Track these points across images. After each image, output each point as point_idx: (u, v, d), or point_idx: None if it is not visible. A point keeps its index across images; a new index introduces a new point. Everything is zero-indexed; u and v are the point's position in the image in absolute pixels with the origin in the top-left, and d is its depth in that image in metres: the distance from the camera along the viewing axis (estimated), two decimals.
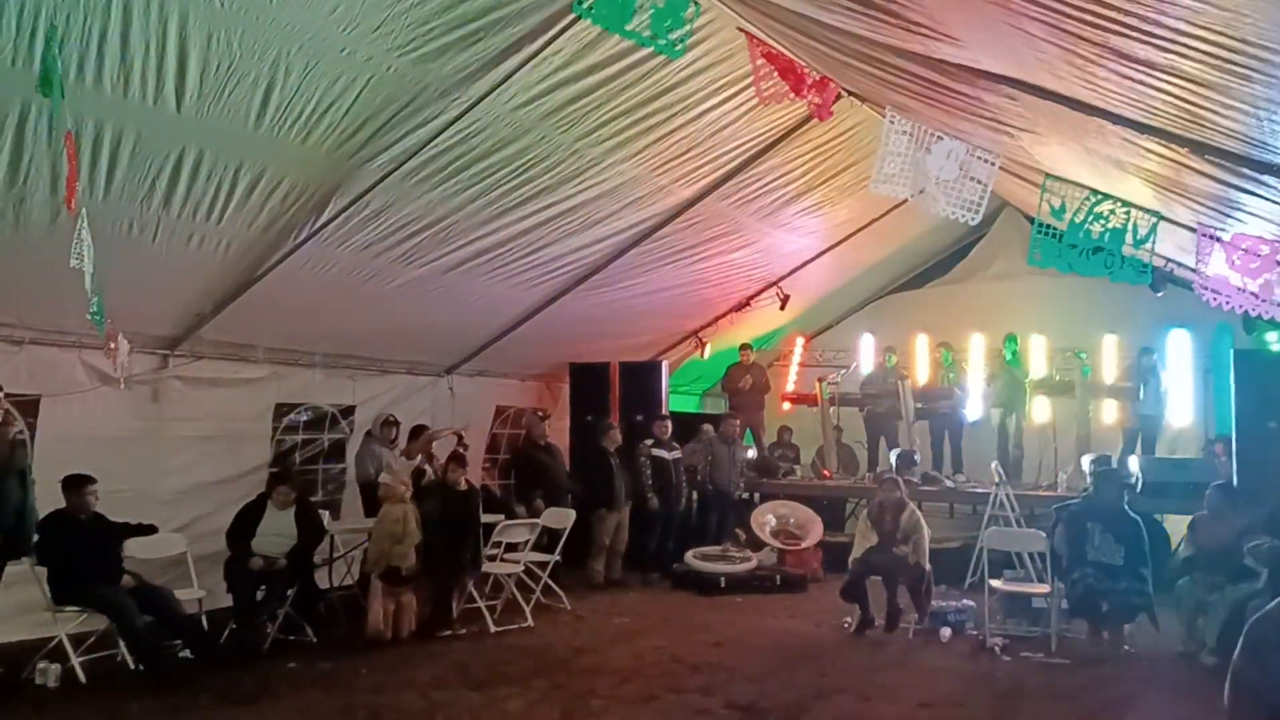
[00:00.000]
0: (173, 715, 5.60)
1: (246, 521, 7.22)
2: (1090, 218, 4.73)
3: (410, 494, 7.80)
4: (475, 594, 7.92)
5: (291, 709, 5.79)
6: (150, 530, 6.84)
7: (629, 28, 4.29)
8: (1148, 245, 4.79)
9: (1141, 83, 3.92)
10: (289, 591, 7.18)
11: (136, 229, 6.28)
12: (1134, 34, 3.36)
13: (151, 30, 4.96)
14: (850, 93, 7.31)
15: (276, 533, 7.21)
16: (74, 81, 4.90)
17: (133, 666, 6.30)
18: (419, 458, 8.51)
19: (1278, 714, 3.76)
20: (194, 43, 5.14)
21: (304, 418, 9.17)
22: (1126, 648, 7.28)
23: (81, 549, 6.26)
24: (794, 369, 13.49)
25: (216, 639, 6.91)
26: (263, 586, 7.08)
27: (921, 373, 12.48)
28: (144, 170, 5.84)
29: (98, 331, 5.31)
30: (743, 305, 12.07)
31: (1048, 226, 4.93)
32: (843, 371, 12.62)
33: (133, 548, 6.77)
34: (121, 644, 6.34)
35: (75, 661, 6.13)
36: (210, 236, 6.69)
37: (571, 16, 5.85)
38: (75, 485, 6.40)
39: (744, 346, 12.31)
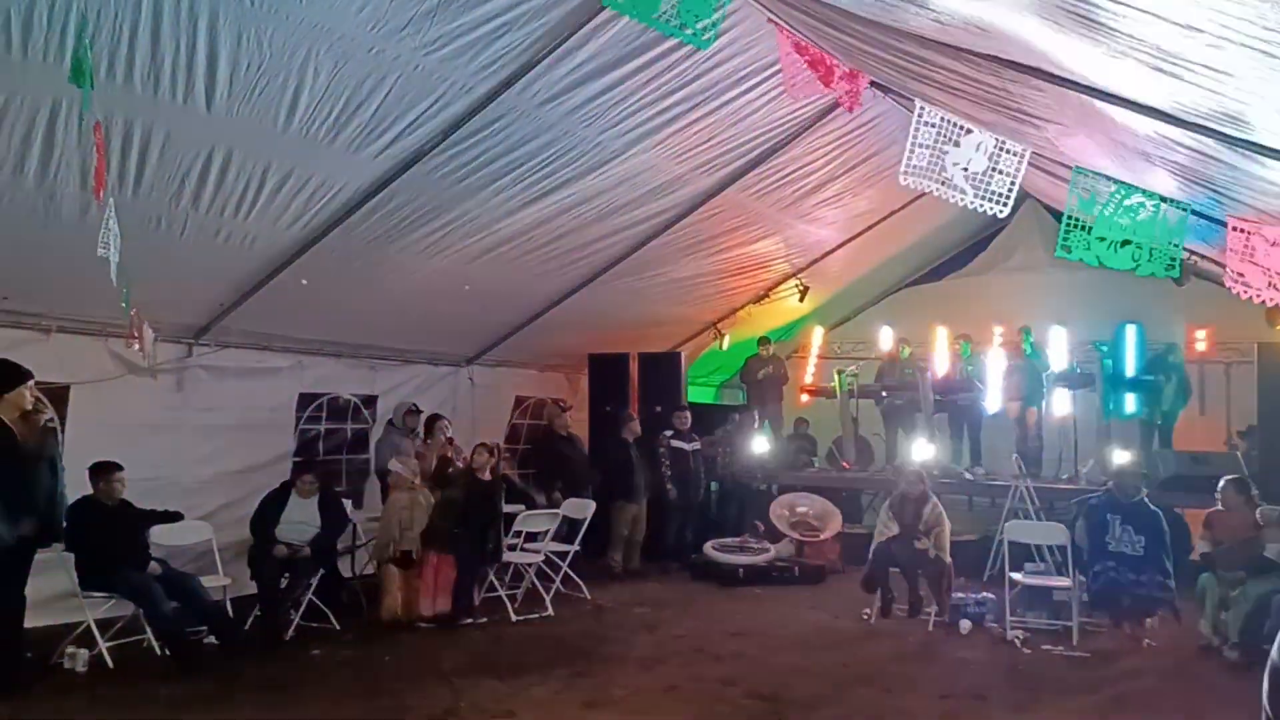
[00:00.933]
0: (201, 702, 5.66)
1: (270, 510, 7.29)
2: (1119, 211, 4.69)
3: (419, 482, 7.89)
4: (496, 583, 7.98)
5: (319, 696, 5.85)
6: (176, 517, 6.92)
7: (656, 17, 4.26)
8: (1176, 239, 4.76)
9: (1173, 75, 3.90)
10: (313, 579, 7.24)
11: (165, 225, 6.35)
12: (1167, 21, 3.34)
13: (181, 29, 5.00)
14: (875, 84, 7.28)
15: (300, 521, 7.29)
16: (104, 79, 4.95)
17: (159, 652, 6.38)
18: (440, 448, 8.55)
19: None
20: (224, 42, 5.18)
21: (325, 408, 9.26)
22: (1148, 641, 7.26)
23: (109, 535, 6.34)
24: (812, 361, 13.46)
25: (241, 626, 6.97)
26: (286, 574, 7.15)
27: (940, 365, 12.43)
28: (173, 168, 5.91)
29: (124, 320, 5.37)
30: (762, 297, 12.08)
31: (1076, 219, 4.90)
32: (860, 364, 12.57)
33: (159, 535, 6.86)
34: (148, 630, 6.42)
35: (103, 647, 6.22)
36: (237, 232, 6.76)
37: (596, 9, 5.86)
38: (102, 472, 6.48)
39: (763, 339, 12.30)
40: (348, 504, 8.17)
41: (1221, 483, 7.55)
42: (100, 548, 6.30)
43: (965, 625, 7.71)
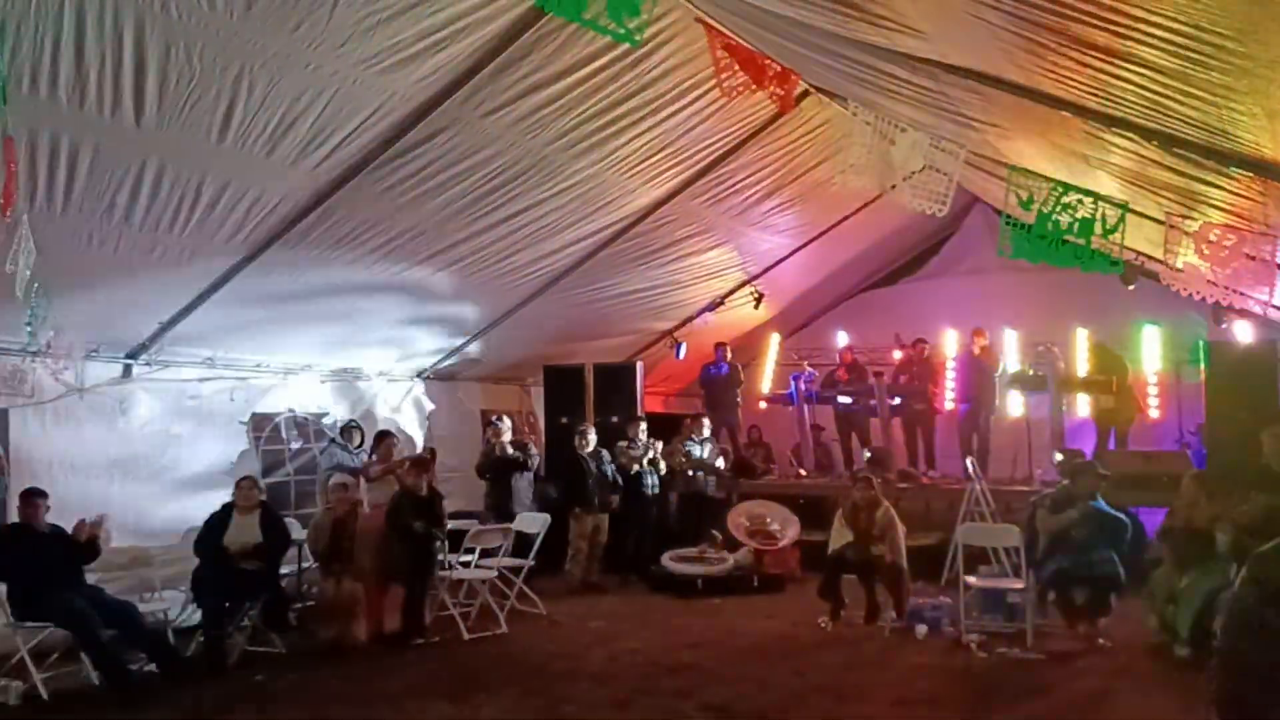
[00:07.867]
0: None
1: (213, 531, 7.09)
2: (1057, 208, 4.72)
3: (368, 509, 7.78)
4: (448, 601, 7.83)
5: None
6: (94, 549, 6.60)
7: (586, 15, 4.26)
8: (1116, 236, 4.79)
9: (1102, 71, 3.92)
10: (257, 601, 7.07)
11: (96, 241, 6.21)
12: (1092, 20, 3.35)
13: (106, 40, 4.88)
14: (817, 89, 7.29)
15: (242, 540, 7.08)
16: (27, 91, 4.84)
17: (97, 682, 6.18)
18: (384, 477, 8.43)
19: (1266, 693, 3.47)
20: (152, 55, 5.07)
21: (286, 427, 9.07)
22: (1101, 641, 7.26)
23: (41, 562, 6.14)
24: (770, 367, 13.46)
25: (183, 653, 6.78)
26: (228, 602, 6.97)
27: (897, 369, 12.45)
28: (103, 184, 5.78)
29: (28, 338, 5.20)
30: (717, 305, 12.04)
31: (1016, 220, 4.92)
32: (812, 371, 12.57)
33: (100, 560, 6.60)
34: (85, 659, 6.22)
35: (37, 678, 5.99)
36: (173, 248, 6.61)
37: (537, 21, 5.84)
38: (26, 498, 6.33)
39: (719, 344, 12.29)
40: (293, 524, 7.99)
41: (1185, 478, 7.61)
42: (33, 575, 6.09)
43: (921, 630, 7.68)
